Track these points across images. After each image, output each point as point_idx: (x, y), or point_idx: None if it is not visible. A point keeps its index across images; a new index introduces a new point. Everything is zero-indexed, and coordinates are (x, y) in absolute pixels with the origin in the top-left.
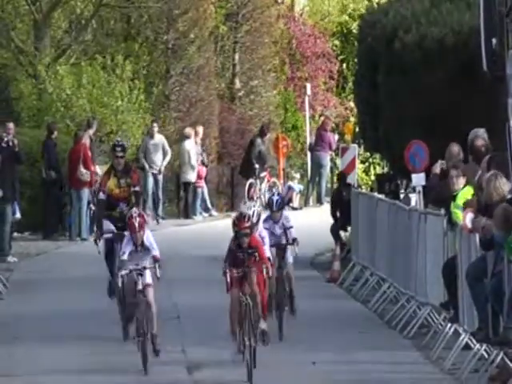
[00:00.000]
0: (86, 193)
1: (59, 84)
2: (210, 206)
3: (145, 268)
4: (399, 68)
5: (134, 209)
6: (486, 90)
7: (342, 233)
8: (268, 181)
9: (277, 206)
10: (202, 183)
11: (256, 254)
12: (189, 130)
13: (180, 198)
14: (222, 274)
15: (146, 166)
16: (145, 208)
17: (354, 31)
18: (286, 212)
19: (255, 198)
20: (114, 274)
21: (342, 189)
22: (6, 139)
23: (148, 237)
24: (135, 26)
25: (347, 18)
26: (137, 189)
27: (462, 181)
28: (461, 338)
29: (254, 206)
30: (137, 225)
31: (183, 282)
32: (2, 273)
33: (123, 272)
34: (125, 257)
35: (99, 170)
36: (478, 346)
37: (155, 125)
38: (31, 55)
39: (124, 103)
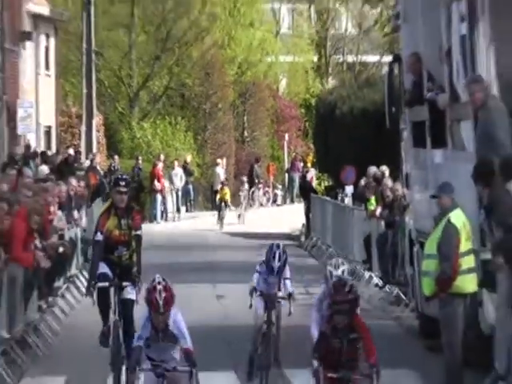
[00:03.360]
0: (158, 195)
1: (144, 133)
2: (229, 204)
3: (175, 369)
4: (339, 126)
5: (158, 277)
6: (391, 139)
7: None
8: (263, 189)
9: (279, 271)
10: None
11: (359, 343)
12: (219, 160)
13: (213, 200)
14: (312, 374)
15: (171, 187)
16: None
17: (313, 104)
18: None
19: (256, 199)
20: (107, 322)
21: (305, 182)
22: (113, 165)
23: (176, 319)
24: (187, 100)
25: (309, 96)
26: (138, 233)
27: (372, 191)
28: (373, 280)
29: (344, 264)
30: (161, 302)
31: (217, 247)
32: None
33: (145, 366)
34: (141, 343)
35: (167, 183)
36: (383, 284)
37: (176, 162)
38: (128, 116)
39: (180, 145)
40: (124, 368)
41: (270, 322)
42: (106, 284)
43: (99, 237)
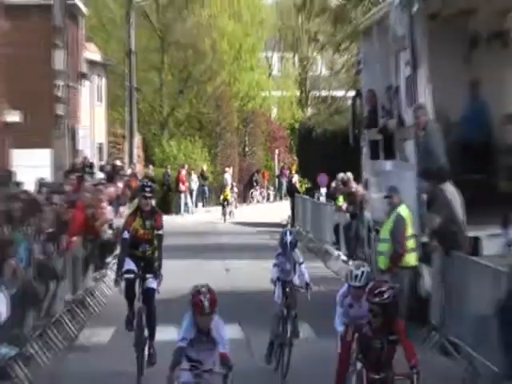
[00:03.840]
0: (182, 195)
1: (171, 149)
2: (233, 201)
3: (212, 371)
4: (315, 144)
5: (199, 284)
6: (354, 153)
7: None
8: (259, 190)
9: (291, 246)
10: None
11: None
12: (227, 169)
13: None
14: (356, 380)
15: (190, 189)
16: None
17: (296, 127)
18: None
19: (254, 198)
20: (132, 308)
21: (290, 185)
22: (149, 172)
23: (217, 324)
24: (203, 124)
25: (294, 121)
26: (160, 232)
27: (340, 191)
28: (341, 257)
29: (364, 266)
30: (207, 304)
31: (224, 233)
32: None
33: (184, 366)
34: (184, 344)
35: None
36: (349, 260)
37: (193, 172)
38: (159, 136)
39: (198, 157)
40: (146, 348)
41: (289, 306)
42: (132, 276)
43: (126, 235)
